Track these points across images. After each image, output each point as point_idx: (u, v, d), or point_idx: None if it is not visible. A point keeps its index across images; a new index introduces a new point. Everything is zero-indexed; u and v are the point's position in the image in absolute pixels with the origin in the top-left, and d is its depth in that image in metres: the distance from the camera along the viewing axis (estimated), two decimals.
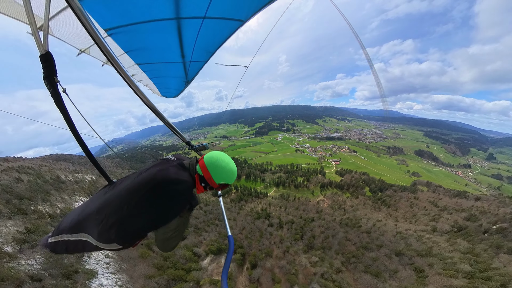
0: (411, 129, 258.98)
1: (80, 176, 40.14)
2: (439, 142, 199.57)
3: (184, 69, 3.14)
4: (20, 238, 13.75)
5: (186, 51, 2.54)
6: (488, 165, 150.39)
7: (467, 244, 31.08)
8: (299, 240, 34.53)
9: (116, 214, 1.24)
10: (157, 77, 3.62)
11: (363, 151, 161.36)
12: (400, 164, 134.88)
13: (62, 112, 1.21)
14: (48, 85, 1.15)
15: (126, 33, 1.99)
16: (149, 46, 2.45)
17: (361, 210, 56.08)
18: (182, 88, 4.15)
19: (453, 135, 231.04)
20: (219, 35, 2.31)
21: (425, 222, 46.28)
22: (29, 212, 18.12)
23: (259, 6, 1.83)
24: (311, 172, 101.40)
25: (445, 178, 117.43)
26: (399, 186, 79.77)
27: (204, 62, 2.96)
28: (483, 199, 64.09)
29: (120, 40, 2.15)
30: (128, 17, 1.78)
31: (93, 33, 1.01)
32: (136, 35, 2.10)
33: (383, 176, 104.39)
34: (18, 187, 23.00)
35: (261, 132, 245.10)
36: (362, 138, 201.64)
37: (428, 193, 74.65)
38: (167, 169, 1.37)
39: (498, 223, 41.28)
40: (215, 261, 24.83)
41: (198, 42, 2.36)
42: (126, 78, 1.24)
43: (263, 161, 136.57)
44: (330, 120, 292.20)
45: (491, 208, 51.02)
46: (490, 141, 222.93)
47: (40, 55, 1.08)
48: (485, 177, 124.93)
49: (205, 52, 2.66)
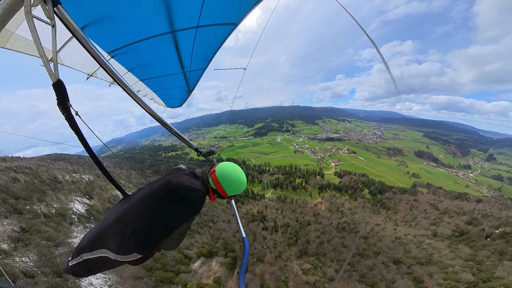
0: (411, 130, 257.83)
1: (77, 176, 39.90)
2: (438, 143, 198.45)
3: (185, 79, 3.22)
4: (15, 236, 14.09)
5: (184, 61, 2.62)
6: (488, 166, 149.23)
7: (469, 250, 29.69)
8: (293, 245, 33.28)
9: (134, 222, 1.29)
10: (161, 89, 3.73)
11: (362, 152, 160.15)
12: (400, 165, 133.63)
13: (76, 133, 1.29)
14: (62, 110, 1.21)
15: (127, 53, 2.13)
16: (150, 62, 2.55)
17: (359, 214, 54.61)
18: (185, 97, 4.25)
19: (453, 135, 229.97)
20: (214, 41, 2.35)
21: (425, 226, 44.84)
22: (24, 211, 18.19)
23: (249, 7, 1.88)
24: (310, 174, 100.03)
25: (446, 179, 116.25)
26: (399, 188, 78.34)
27: (203, 69, 3.00)
28: (485, 201, 63.18)
29: (123, 60, 2.31)
30: (127, 38, 1.91)
31: (98, 57, 1.13)
32: (137, 53, 2.21)
33: (383, 178, 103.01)
34: (14, 186, 22.87)
35: (261, 133, 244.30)
36: (361, 139, 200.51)
37: (428, 195, 73.27)
38: (181, 176, 1.45)
39: (501, 227, 39.94)
40: (206, 264, 24.38)
41: (195, 51, 2.42)
42: (132, 95, 1.36)
43: (261, 162, 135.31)
44: (329, 121, 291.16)
45: (493, 211, 49.70)
46: (490, 141, 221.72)
47: (52, 84, 1.17)
48: (485, 178, 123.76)
49: (203, 60, 2.70)
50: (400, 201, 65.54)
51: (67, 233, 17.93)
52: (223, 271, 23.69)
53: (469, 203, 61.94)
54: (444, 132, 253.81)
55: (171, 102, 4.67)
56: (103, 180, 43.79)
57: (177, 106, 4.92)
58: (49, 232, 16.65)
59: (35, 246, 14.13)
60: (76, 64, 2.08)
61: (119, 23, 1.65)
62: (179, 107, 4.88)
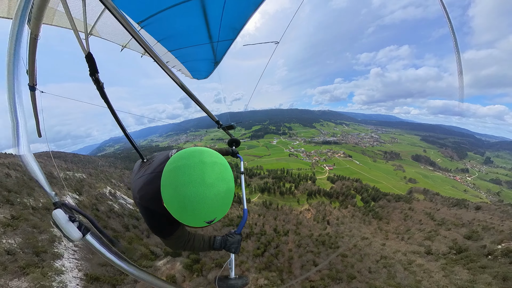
0: (408, 133, 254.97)
1: (70, 174, 41.48)
2: (436, 146, 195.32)
3: (213, 50, 3.15)
4: (5, 222, 16.45)
5: (213, 31, 2.55)
6: (486, 169, 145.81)
7: (467, 275, 24.99)
8: (259, 256, 29.14)
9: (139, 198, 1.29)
10: (188, 61, 3.75)
11: (358, 155, 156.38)
12: (396, 169, 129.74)
13: (105, 100, 1.47)
14: (94, 80, 1.36)
15: (156, 22, 2.13)
16: (178, 32, 2.55)
17: (347, 224, 49.85)
18: (211, 69, 4.25)
19: (450, 139, 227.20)
20: (245, 9, 2.24)
21: (419, 240, 40.11)
22: (15, 203, 20.72)
23: None
24: (301, 178, 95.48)
25: (443, 183, 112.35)
26: (394, 195, 73.79)
27: (232, 40, 2.90)
28: (484, 208, 59.35)
29: (152, 31, 2.35)
30: (155, 6, 1.91)
31: (129, 28, 1.12)
32: (165, 23, 2.23)
33: (378, 183, 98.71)
34: (7, 181, 25.25)
35: (257, 135, 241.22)
36: (358, 142, 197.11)
37: (424, 202, 68.86)
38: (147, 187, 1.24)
39: (504, 242, 35.41)
40: (171, 263, 24.13)
41: (224, 20, 2.36)
42: (162, 65, 1.37)
43: (254, 165, 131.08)
44: (327, 124, 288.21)
45: (494, 222, 45.33)
46: (487, 144, 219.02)
47: (85, 56, 1.26)
48: (484, 182, 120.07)
49: (231, 30, 2.60)
50: (394, 209, 60.90)
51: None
52: (182, 271, 22.93)
53: (467, 211, 57.73)
54: (441, 135, 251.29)
55: (197, 74, 4.69)
56: (93, 179, 46.10)
57: (203, 78, 4.85)
58: (35, 221, 18.76)
59: (22, 231, 16.45)
60: (111, 36, 2.26)
61: None
62: (205, 78, 4.87)
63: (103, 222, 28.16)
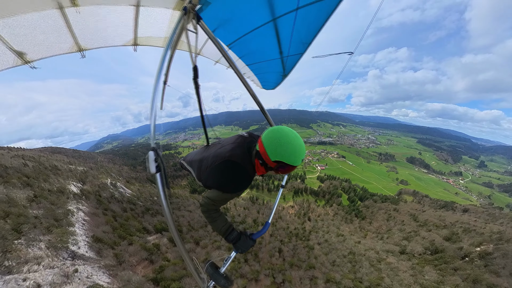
0: (405, 136, 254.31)
1: (73, 167, 44.87)
2: (431, 149, 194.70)
3: (282, 64, 3.41)
4: (30, 198, 20.85)
5: (283, 47, 2.80)
6: (479, 172, 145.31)
7: (436, 274, 23.71)
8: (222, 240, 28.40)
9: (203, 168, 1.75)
10: (261, 73, 4.25)
11: (352, 156, 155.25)
12: (390, 171, 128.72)
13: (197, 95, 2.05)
14: (194, 82, 1.91)
15: (239, 44, 2.74)
16: (255, 50, 3.03)
17: (326, 221, 48.51)
18: (279, 81, 4.51)
19: (446, 142, 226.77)
20: (315, 23, 2.34)
21: (396, 240, 38.90)
22: (34, 186, 24.34)
23: None
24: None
25: (435, 186, 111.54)
26: (381, 195, 72.53)
27: (301, 54, 3.04)
28: (471, 211, 58.51)
29: (236, 50, 2.99)
30: (240, 31, 2.43)
31: (221, 50, 1.73)
32: (246, 43, 2.75)
33: (368, 184, 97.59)
34: (25, 169, 29.00)
35: None
36: (354, 144, 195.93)
37: (412, 203, 67.72)
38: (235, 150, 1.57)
39: (483, 245, 34.22)
40: (159, 238, 26.42)
41: (294, 36, 2.53)
42: (240, 77, 1.91)
43: None
44: (324, 125, 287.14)
45: (477, 224, 44.24)
46: (482, 149, 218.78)
47: (192, 67, 1.88)
48: (476, 185, 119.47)
49: (301, 44, 2.76)
50: (379, 210, 59.66)
51: (65, 202, 24.30)
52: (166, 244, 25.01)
53: (454, 213, 56.72)
54: (438, 138, 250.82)
55: (266, 85, 5.10)
56: (95, 171, 49.29)
57: (271, 89, 5.19)
58: (53, 199, 23.17)
59: (43, 206, 20.62)
60: (210, 55, 3.29)
61: (234, 22, 2.21)
62: (272, 89, 5.22)
63: (104, 205, 30.61)
